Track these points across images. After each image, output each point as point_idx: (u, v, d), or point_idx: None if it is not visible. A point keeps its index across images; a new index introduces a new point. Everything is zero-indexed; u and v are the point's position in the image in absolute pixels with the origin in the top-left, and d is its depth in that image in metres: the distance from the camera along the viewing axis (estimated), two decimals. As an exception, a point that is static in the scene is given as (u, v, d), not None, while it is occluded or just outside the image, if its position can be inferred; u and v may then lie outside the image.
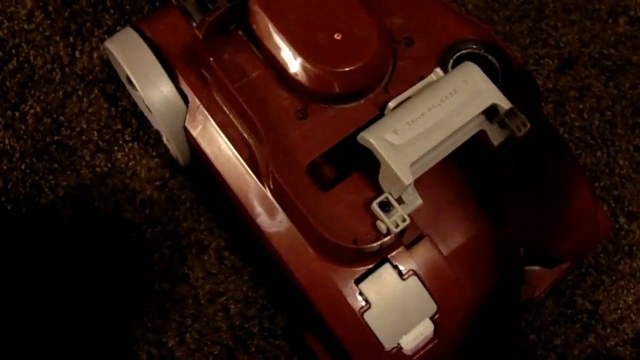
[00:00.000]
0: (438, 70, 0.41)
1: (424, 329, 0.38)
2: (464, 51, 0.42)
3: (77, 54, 0.56)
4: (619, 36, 0.61)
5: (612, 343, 0.53)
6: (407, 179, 0.35)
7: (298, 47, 0.40)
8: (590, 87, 0.59)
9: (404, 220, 0.35)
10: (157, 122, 0.51)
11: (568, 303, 0.54)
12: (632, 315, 0.54)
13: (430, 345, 0.38)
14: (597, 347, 0.53)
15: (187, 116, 0.43)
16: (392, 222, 0.35)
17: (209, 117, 0.42)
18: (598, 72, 0.60)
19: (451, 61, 0.42)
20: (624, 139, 0.58)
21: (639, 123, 0.58)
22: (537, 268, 0.45)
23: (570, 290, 0.54)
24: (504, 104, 0.37)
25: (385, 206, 0.35)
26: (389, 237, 0.35)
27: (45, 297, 0.48)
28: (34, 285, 0.48)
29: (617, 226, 0.56)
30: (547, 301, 0.53)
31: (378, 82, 0.41)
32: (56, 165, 0.52)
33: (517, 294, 0.43)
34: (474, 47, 0.42)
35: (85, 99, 0.54)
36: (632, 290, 0.54)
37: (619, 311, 0.54)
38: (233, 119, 0.41)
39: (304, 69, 0.40)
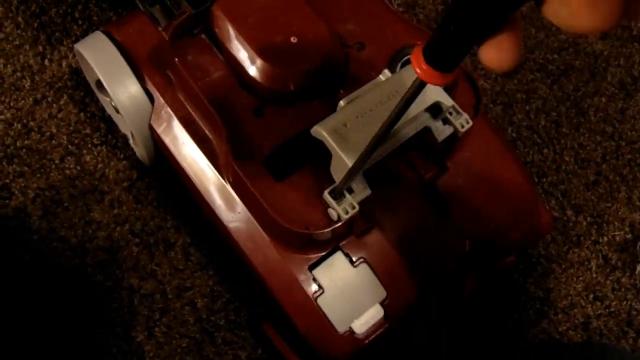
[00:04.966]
0: (386, 71, 0.43)
1: (374, 314, 0.40)
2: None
3: (46, 62, 0.57)
4: (562, 43, 0.65)
5: (564, 328, 0.56)
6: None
7: (257, 49, 0.42)
8: (536, 89, 0.63)
9: (353, 207, 0.37)
10: (124, 124, 0.53)
11: (521, 291, 0.57)
12: (582, 301, 0.57)
13: (381, 329, 0.40)
14: (549, 331, 0.56)
15: (153, 114, 0.45)
16: (343, 209, 0.37)
17: (173, 115, 0.44)
18: (543, 75, 0.63)
19: (399, 64, 0.44)
20: (569, 137, 0.61)
21: (583, 122, 0.62)
22: (484, 259, 0.48)
23: (522, 279, 0.57)
24: (447, 102, 0.40)
25: (336, 195, 0.38)
26: (339, 224, 0.38)
27: (17, 295, 0.49)
28: (5, 284, 0.50)
29: (564, 218, 0.59)
30: (501, 289, 0.56)
31: (331, 83, 0.44)
32: (26, 169, 0.54)
33: (463, 282, 0.45)
34: (421, 51, 0.45)
35: (54, 105, 0.56)
36: (581, 278, 0.58)
37: (570, 298, 0.57)
38: (195, 117, 0.43)
39: (262, 70, 0.42)
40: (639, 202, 0.60)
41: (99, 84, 0.51)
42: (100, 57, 0.46)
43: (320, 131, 0.38)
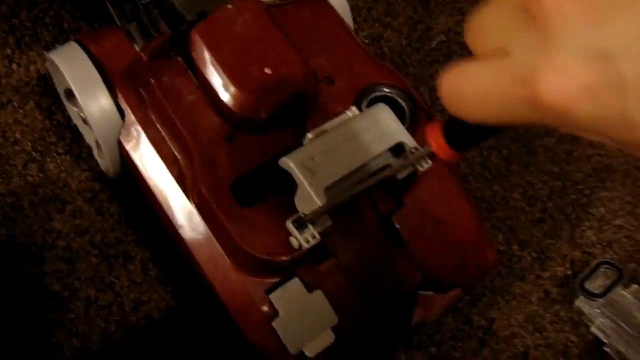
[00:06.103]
0: (353, 108, 0.45)
1: (325, 338, 0.42)
2: (378, 94, 0.47)
3: (14, 66, 0.57)
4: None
5: (505, 357, 0.59)
6: (321, 200, 0.39)
7: (231, 77, 0.44)
8: (492, 127, 0.66)
9: (314, 237, 0.39)
10: (90, 135, 0.54)
11: (465, 320, 0.59)
12: (522, 331, 0.60)
13: (331, 353, 0.42)
14: (490, 360, 0.59)
15: (123, 130, 0.46)
16: (304, 238, 0.39)
17: (143, 133, 0.45)
18: (499, 114, 0.67)
19: (366, 101, 0.47)
20: (518, 175, 0.65)
21: (532, 162, 0.66)
22: (430, 293, 0.50)
23: (468, 309, 0.60)
24: (409, 142, 0.42)
25: (299, 224, 0.40)
26: (299, 252, 0.40)
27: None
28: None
29: (510, 252, 0.62)
30: (447, 318, 0.59)
31: (300, 115, 0.46)
32: (-13, 173, 0.53)
33: (410, 314, 0.47)
34: (387, 90, 0.47)
35: (20, 110, 0.56)
36: (522, 310, 0.61)
37: (511, 328, 0.60)
38: (165, 137, 0.44)
39: (235, 97, 0.44)
40: (580, 240, 0.64)
41: (68, 93, 0.52)
42: (74, 69, 0.47)
43: (288, 163, 0.40)
